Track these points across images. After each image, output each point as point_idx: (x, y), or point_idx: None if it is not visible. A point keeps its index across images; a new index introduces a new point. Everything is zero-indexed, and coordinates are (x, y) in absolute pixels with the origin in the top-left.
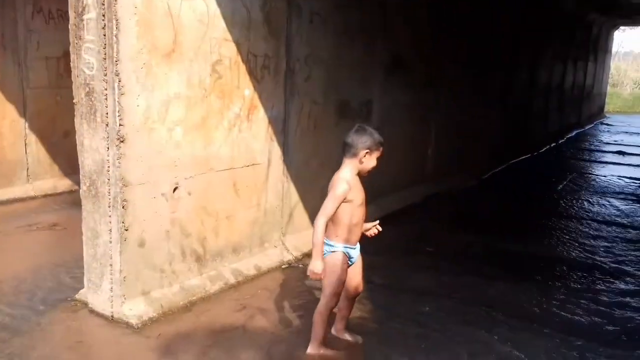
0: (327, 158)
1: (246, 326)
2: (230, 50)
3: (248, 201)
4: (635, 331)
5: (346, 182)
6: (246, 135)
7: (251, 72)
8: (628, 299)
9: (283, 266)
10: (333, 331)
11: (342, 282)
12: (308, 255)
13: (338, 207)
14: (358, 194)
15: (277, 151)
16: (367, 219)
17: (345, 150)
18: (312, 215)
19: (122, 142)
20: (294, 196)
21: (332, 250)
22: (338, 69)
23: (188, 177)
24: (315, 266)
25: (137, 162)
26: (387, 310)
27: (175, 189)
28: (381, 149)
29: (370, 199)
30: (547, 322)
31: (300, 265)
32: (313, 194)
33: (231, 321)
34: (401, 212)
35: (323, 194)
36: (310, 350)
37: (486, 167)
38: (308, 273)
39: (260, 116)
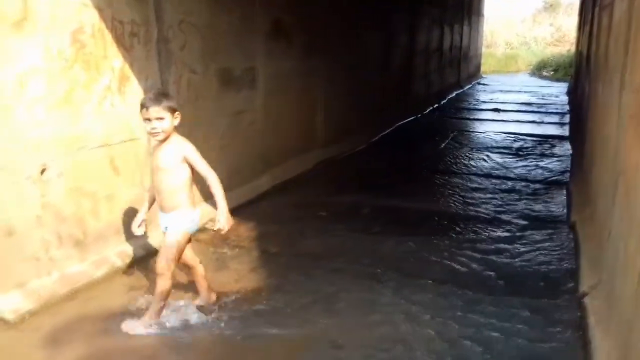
0: (212, 129)
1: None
2: (91, 16)
3: (129, 179)
4: (511, 275)
5: None
6: (121, 109)
7: (119, 41)
8: (504, 245)
9: None
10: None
11: None
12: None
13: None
14: None
15: None
16: (262, 190)
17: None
18: (198, 190)
19: None
20: None
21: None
22: (216, 36)
23: (57, 158)
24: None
25: None
26: (282, 277)
27: (43, 171)
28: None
29: (264, 169)
30: (433, 274)
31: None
32: None
33: (120, 305)
34: (292, 180)
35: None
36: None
37: (374, 130)
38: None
39: (134, 88)
